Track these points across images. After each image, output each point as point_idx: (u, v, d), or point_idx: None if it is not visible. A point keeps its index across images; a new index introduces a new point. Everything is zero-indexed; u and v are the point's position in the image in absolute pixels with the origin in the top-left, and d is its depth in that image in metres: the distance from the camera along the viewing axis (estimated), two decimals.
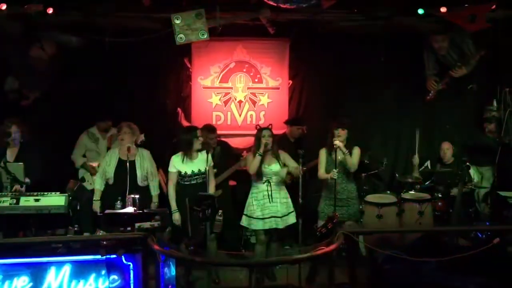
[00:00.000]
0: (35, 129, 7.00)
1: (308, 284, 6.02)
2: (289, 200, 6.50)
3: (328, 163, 6.51)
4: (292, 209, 6.48)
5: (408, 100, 8.22)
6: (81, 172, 7.58)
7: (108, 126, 7.65)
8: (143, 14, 7.20)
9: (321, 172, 6.55)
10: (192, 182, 6.26)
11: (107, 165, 6.50)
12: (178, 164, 6.28)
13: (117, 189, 6.35)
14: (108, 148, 7.36)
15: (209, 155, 6.15)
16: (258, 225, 6.38)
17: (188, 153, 6.26)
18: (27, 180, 6.19)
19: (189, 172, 6.25)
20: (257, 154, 6.32)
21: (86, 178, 7.43)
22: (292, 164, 6.40)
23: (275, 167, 6.39)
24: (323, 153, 6.59)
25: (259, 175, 6.38)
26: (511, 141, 7.31)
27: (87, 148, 7.58)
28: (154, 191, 6.62)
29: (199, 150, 6.27)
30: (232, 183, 7.49)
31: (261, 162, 6.35)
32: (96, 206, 6.43)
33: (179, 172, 6.27)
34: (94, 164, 7.44)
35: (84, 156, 7.59)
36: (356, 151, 6.49)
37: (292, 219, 6.45)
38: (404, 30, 7.57)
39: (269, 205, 6.36)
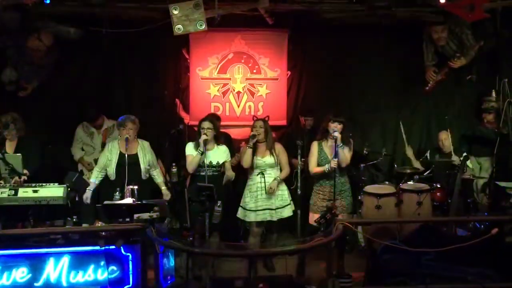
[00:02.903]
0: (33, 121, 6.99)
1: (298, 276, 6.03)
2: (286, 192, 6.50)
3: (320, 156, 6.46)
4: (288, 202, 6.48)
5: (407, 90, 8.21)
6: (80, 165, 7.57)
7: (101, 121, 7.60)
8: (140, 4, 7.17)
9: (312, 166, 6.45)
10: (202, 173, 6.22)
11: (108, 160, 6.46)
12: (190, 149, 6.34)
13: (118, 182, 6.32)
14: (103, 144, 7.30)
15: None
16: (251, 217, 6.40)
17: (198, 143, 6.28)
18: (25, 171, 6.20)
19: (200, 162, 6.26)
20: (247, 147, 6.32)
21: (85, 172, 7.42)
22: (283, 160, 6.47)
23: (268, 159, 6.39)
24: (315, 146, 6.50)
25: (252, 167, 6.39)
26: (510, 131, 7.30)
27: (83, 142, 7.55)
28: (159, 179, 6.62)
29: (205, 143, 6.23)
30: None
31: (254, 154, 6.35)
32: (88, 195, 6.33)
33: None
34: (90, 160, 7.43)
35: (82, 149, 7.57)
36: (348, 149, 6.42)
37: (287, 212, 6.44)
38: (403, 20, 7.54)
39: (262, 197, 6.36)
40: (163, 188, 6.60)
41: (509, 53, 7.76)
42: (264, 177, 6.39)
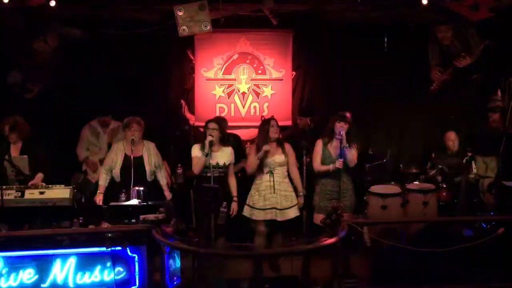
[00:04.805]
0: (39, 122, 7.01)
1: (303, 276, 6.02)
2: (292, 193, 6.45)
3: (324, 155, 6.45)
4: (294, 202, 6.44)
5: (412, 90, 8.18)
6: (84, 165, 7.60)
7: (108, 121, 7.63)
8: (146, 6, 7.19)
9: (317, 164, 6.45)
10: (208, 174, 6.22)
11: (114, 163, 6.43)
12: (195, 151, 6.29)
13: (123, 184, 6.31)
14: (110, 144, 7.30)
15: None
16: (259, 216, 6.37)
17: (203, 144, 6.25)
18: (39, 174, 6.21)
19: (206, 163, 6.22)
20: (256, 158, 6.28)
21: (89, 172, 7.45)
22: (292, 160, 6.44)
23: (278, 158, 6.36)
24: (319, 145, 6.49)
25: (261, 166, 6.36)
26: None
27: (89, 142, 7.57)
28: (163, 181, 6.59)
29: (211, 144, 6.21)
30: None
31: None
32: (99, 199, 6.35)
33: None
34: (95, 160, 7.45)
35: (88, 149, 7.59)
36: (354, 149, 6.41)
37: (293, 213, 6.41)
38: (407, 20, 7.53)
39: (270, 196, 6.33)
40: (166, 189, 6.57)
41: None
42: (273, 176, 6.37)
